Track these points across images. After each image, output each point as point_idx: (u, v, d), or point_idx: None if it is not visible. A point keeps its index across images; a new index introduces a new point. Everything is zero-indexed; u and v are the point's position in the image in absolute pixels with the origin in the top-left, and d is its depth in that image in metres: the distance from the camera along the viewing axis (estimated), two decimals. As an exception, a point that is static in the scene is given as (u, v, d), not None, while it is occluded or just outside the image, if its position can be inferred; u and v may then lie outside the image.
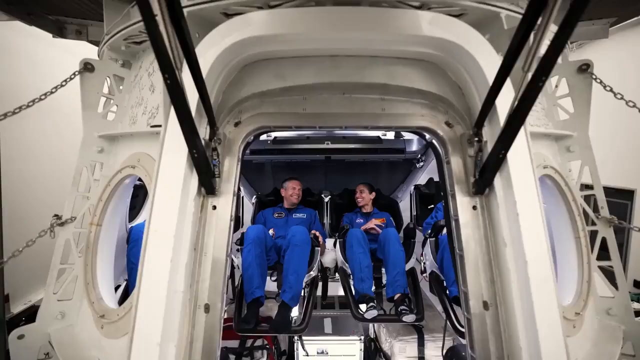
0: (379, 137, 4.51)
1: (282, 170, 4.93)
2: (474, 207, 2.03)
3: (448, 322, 3.08)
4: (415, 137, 4.64)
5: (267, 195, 4.72)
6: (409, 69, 2.06)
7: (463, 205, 2.04)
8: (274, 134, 4.51)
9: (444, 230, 3.62)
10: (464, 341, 2.56)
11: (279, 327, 3.22)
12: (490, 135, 1.90)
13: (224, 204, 2.03)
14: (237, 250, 3.77)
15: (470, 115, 2.06)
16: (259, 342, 3.94)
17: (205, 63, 1.82)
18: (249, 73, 2.08)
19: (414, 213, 4.40)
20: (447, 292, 3.31)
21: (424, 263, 3.87)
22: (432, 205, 4.42)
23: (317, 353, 3.92)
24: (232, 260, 3.94)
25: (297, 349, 3.93)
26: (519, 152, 1.80)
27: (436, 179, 4.57)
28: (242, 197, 4.45)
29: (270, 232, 4.07)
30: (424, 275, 3.84)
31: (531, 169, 1.82)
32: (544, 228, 1.77)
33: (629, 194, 6.42)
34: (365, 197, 4.48)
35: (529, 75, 1.37)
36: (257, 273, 3.43)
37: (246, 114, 2.12)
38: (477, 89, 1.95)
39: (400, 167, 5.10)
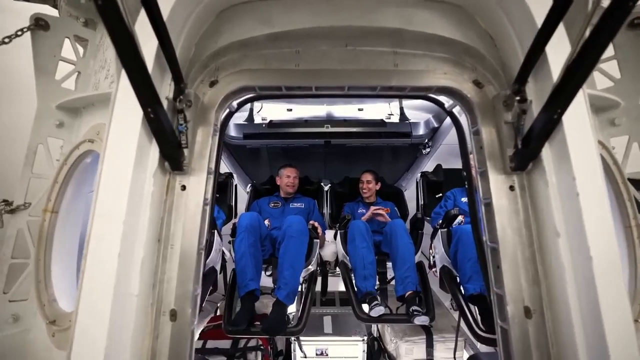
0: (382, 120, 4.02)
1: (279, 157, 4.45)
2: (511, 188, 1.55)
3: (466, 327, 2.60)
4: (422, 120, 4.16)
5: (262, 184, 4.24)
6: (429, 12, 1.57)
7: (497, 185, 1.56)
8: (269, 117, 4.03)
9: (457, 220, 3.14)
10: (483, 347, 2.11)
11: (272, 329, 2.75)
12: (537, 93, 1.41)
13: (196, 183, 1.55)
14: (229, 242, 3.31)
15: (506, 70, 1.56)
16: (253, 343, 3.49)
17: (165, 2, 1.35)
18: (227, 20, 1.59)
19: (421, 202, 3.91)
20: (462, 289, 2.84)
21: (433, 257, 3.39)
22: (441, 194, 3.93)
23: (316, 354, 3.47)
24: (224, 253, 3.48)
25: (294, 350, 3.48)
26: (577, 114, 1.32)
27: (445, 165, 4.08)
28: (236, 185, 3.96)
29: (266, 222, 3.61)
30: (433, 270, 3.36)
31: (592, 136, 1.34)
32: (610, 213, 1.30)
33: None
34: (371, 188, 4.01)
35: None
36: (251, 264, 2.96)
37: (224, 71, 1.63)
38: (519, 35, 1.45)
39: (405, 154, 4.60)
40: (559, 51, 1.32)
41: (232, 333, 2.83)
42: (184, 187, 1.54)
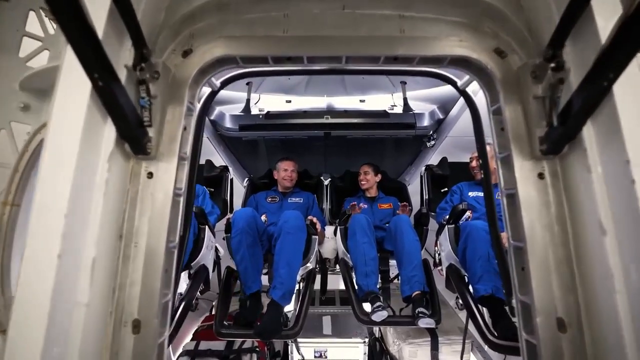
0: (385, 111, 3.72)
1: (278, 150, 4.16)
2: (541, 175, 1.26)
3: (476, 332, 2.31)
4: (426, 111, 3.86)
5: (260, 178, 3.96)
6: (442, -35, 1.28)
7: (523, 172, 1.27)
8: (267, 108, 3.74)
9: (465, 215, 2.85)
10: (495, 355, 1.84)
11: (266, 331, 2.48)
12: (577, 58, 1.11)
13: (165, 170, 1.28)
14: (223, 238, 3.05)
15: (535, 34, 1.27)
16: (248, 344, 3.22)
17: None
18: (203, -22, 1.32)
19: (426, 197, 3.61)
20: (470, 289, 2.56)
21: (439, 254, 3.10)
22: (446, 189, 3.63)
23: (315, 357, 3.19)
24: (217, 249, 3.21)
25: (291, 352, 3.21)
26: (632, 83, 1.02)
27: (450, 159, 3.78)
28: (232, 179, 3.68)
29: (263, 218, 3.33)
30: (439, 268, 3.08)
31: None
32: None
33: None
34: (370, 180, 3.73)
35: None
36: (251, 266, 2.71)
37: (200, 38, 1.34)
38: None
39: (408, 147, 4.30)
40: (608, 5, 1.02)
41: (223, 335, 2.56)
42: (150, 175, 1.27)
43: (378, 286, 2.77)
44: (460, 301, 2.77)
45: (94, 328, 1.12)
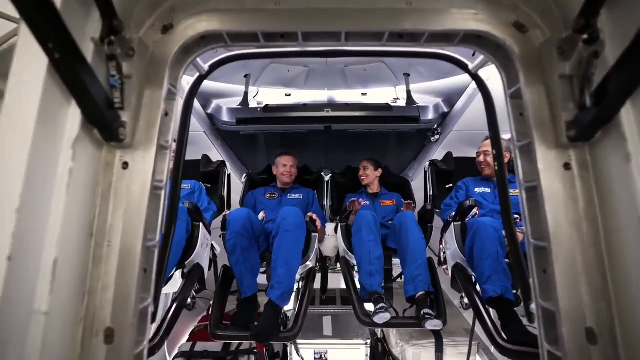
0: (388, 104, 3.56)
1: (277, 145, 4.00)
2: (567, 166, 1.10)
3: (486, 336, 2.15)
4: (431, 104, 3.69)
5: (259, 174, 3.80)
6: None
7: (547, 162, 1.10)
8: (265, 101, 3.59)
9: (472, 212, 2.69)
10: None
11: (263, 333, 2.34)
12: (615, 29, 0.94)
13: (143, 160, 1.12)
14: (220, 236, 2.90)
15: (562, 4, 1.10)
16: (245, 345, 3.08)
17: None
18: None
19: (430, 193, 3.44)
20: (478, 290, 2.40)
21: (444, 253, 2.94)
22: (451, 185, 3.46)
23: (315, 358, 3.05)
24: (213, 247, 3.07)
25: (290, 354, 3.06)
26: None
27: (455, 154, 3.60)
28: (229, 175, 3.53)
29: (261, 215, 3.18)
30: (444, 267, 2.92)
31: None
32: None
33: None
34: (370, 175, 3.56)
35: None
36: (246, 271, 2.58)
37: (182, 12, 1.18)
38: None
39: (411, 142, 4.13)
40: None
41: (218, 337, 2.42)
42: (126, 165, 1.11)
43: (382, 285, 2.62)
44: (466, 301, 2.63)
45: (58, 339, 0.97)
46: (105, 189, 1.10)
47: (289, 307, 2.99)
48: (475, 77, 1.45)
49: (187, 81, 1.59)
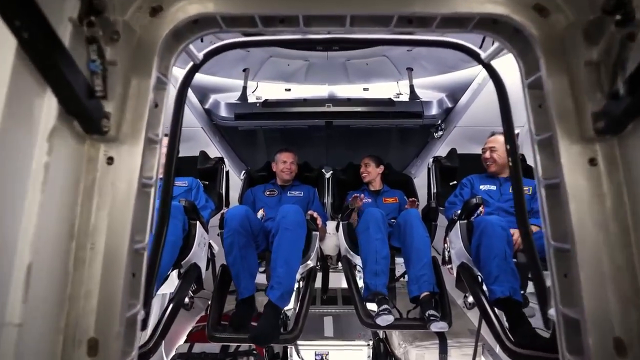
0: (390, 99, 3.46)
1: (277, 141, 3.89)
2: (592, 161, 1.00)
3: (494, 339, 2.06)
4: (434, 99, 3.58)
5: (258, 171, 3.70)
6: None
7: (570, 157, 1.01)
8: (264, 96, 3.49)
9: (479, 210, 2.59)
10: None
11: (262, 336, 2.25)
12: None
13: (129, 154, 1.03)
14: (218, 234, 2.81)
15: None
16: (245, 347, 2.99)
17: None
18: None
19: (434, 190, 3.34)
20: (485, 291, 2.30)
21: (448, 252, 2.85)
22: (455, 182, 3.36)
23: (316, 360, 2.97)
24: (211, 246, 2.97)
25: (290, 355, 2.98)
26: None
27: (461, 150, 3.50)
28: (227, 171, 3.43)
29: (260, 213, 3.09)
30: (448, 267, 2.82)
31: None
32: None
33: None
34: (371, 172, 3.46)
35: None
36: (243, 270, 2.49)
37: (172, -7, 1.09)
38: None
39: (414, 138, 4.03)
40: None
41: (215, 340, 2.33)
42: (111, 160, 1.02)
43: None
44: (470, 300, 2.55)
45: (34, 353, 0.87)
46: (88, 186, 1.00)
47: (290, 305, 2.91)
48: (488, 67, 1.35)
49: (181, 74, 1.49)
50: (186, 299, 2.36)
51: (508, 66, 1.35)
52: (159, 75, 1.10)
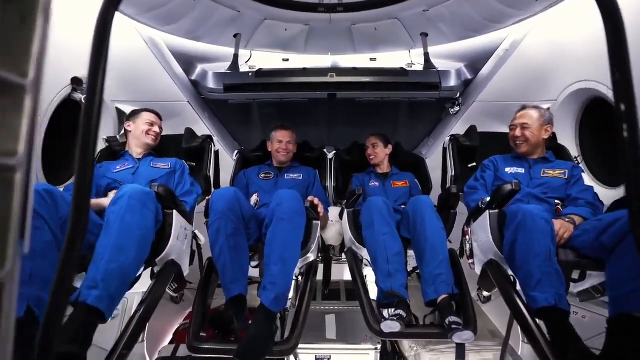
0: (403, 68, 2.90)
1: (273, 117, 3.37)
2: None
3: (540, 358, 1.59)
4: (453, 70, 3.03)
5: (252, 151, 3.17)
6: None
7: None
8: (258, 66, 2.93)
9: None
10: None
11: (252, 350, 1.78)
12: None
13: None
14: (205, 224, 2.32)
15: None
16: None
17: None
18: None
19: (452, 173, 2.82)
20: (523, 297, 1.82)
21: (470, 244, 2.36)
22: (474, 164, 2.84)
23: (317, 365, 2.53)
24: (196, 236, 2.49)
25: None
26: None
27: (481, 128, 2.95)
28: (217, 151, 2.91)
29: (254, 198, 2.60)
30: (470, 262, 2.34)
31: None
32: None
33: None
34: (379, 153, 2.95)
35: None
36: (232, 261, 2.00)
37: None
38: None
39: (427, 115, 3.49)
40: None
41: (197, 351, 1.87)
42: None
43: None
44: (484, 293, 2.08)
45: None
46: None
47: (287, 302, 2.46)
48: None
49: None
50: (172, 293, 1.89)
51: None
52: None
